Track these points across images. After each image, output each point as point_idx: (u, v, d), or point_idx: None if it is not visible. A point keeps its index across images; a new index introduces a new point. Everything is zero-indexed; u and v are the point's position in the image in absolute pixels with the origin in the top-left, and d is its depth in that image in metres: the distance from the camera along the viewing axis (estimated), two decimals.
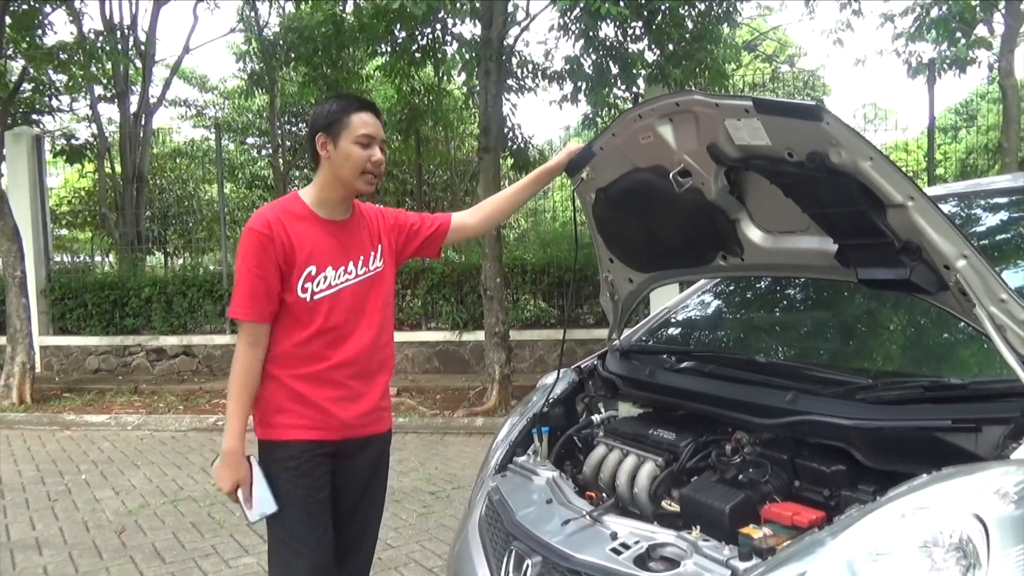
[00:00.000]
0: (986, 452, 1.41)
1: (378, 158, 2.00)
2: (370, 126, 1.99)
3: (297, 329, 1.96)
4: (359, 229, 2.10)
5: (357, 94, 2.13)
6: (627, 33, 7.09)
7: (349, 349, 2.00)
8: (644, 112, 1.86)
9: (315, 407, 1.97)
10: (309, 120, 2.05)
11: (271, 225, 1.92)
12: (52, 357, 9.44)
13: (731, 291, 2.80)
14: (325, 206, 2.03)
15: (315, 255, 1.97)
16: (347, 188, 2.01)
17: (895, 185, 1.47)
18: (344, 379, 2.00)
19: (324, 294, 1.97)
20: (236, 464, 1.94)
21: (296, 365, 1.96)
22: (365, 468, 2.12)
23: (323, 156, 1.99)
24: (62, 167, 12.15)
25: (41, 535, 4.12)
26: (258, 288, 1.91)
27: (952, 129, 15.14)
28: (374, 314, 2.07)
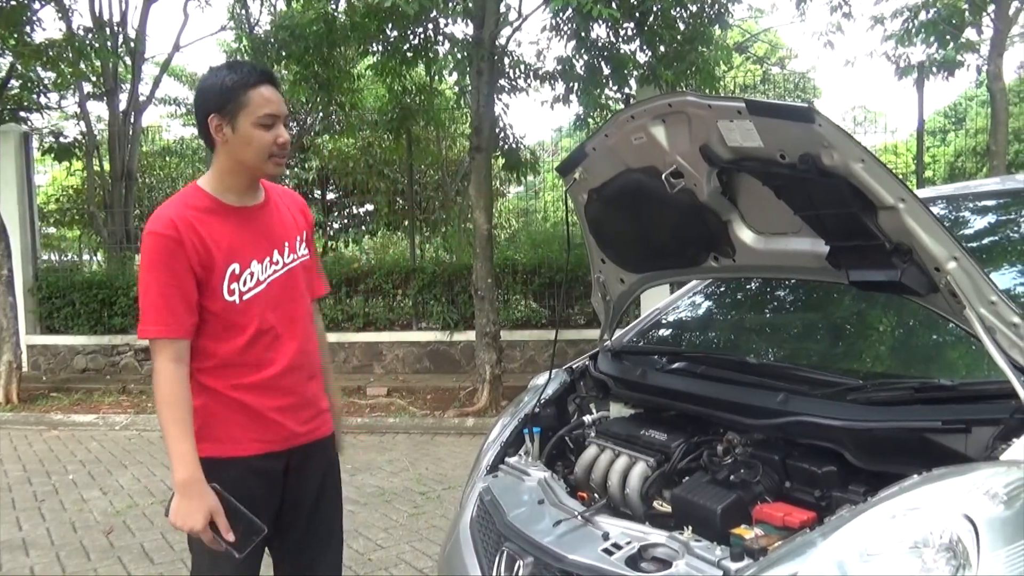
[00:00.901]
0: (976, 453, 1.42)
1: (284, 139, 1.78)
2: (273, 103, 1.76)
3: (232, 336, 1.76)
4: (276, 212, 1.89)
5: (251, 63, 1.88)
6: (619, 34, 7.10)
7: (290, 350, 1.83)
8: (637, 113, 1.86)
9: (261, 419, 1.80)
10: (196, 94, 1.78)
11: (177, 225, 1.69)
12: (39, 356, 9.36)
13: (722, 292, 2.81)
14: (231, 193, 1.81)
15: (235, 251, 1.76)
16: (252, 174, 1.81)
17: (886, 187, 1.48)
18: (291, 385, 1.84)
19: (253, 292, 1.78)
20: (202, 492, 1.67)
21: (238, 375, 1.77)
22: (316, 475, 1.95)
23: (219, 140, 1.75)
24: (50, 165, 12.05)
25: (28, 536, 4.08)
26: (173, 300, 1.69)
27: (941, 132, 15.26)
28: (305, 307, 1.92)
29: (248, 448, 1.80)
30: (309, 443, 1.91)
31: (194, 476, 1.67)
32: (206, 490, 1.68)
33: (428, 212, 12.46)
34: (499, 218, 12.71)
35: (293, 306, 1.87)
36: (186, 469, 1.67)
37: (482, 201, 6.93)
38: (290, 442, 1.86)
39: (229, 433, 1.79)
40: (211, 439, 1.77)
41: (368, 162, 13.00)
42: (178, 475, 1.68)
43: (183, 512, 1.67)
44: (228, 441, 1.79)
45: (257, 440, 1.81)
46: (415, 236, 9.95)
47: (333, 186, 15.49)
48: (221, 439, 1.78)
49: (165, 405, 1.69)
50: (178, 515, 1.68)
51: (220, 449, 1.77)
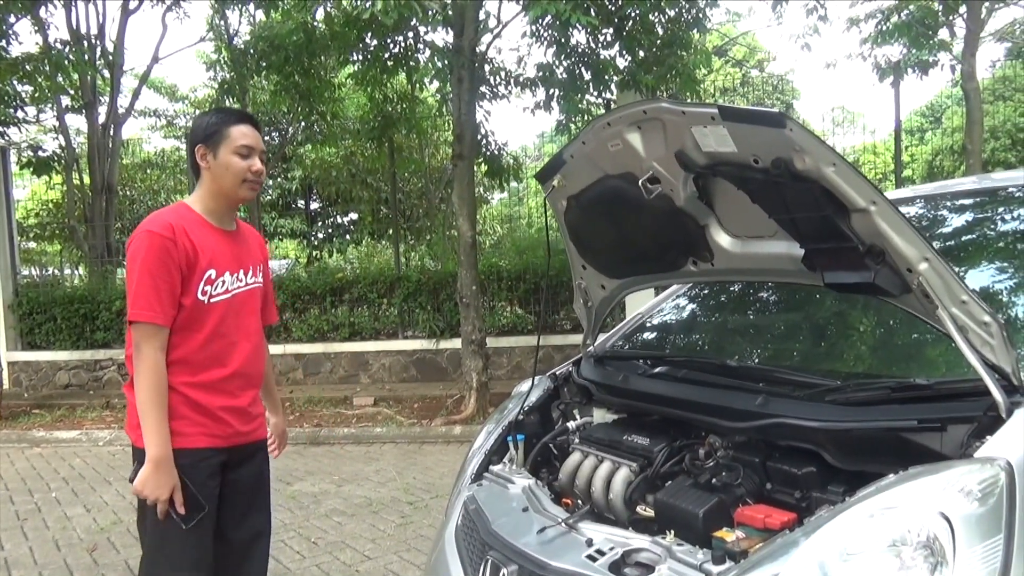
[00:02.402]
0: (951, 451, 1.43)
1: (258, 168, 2.08)
2: (249, 137, 2.07)
3: (190, 333, 2.00)
4: (244, 242, 2.21)
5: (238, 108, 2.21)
6: (598, 40, 7.14)
7: (239, 358, 2.08)
8: (613, 120, 1.87)
9: (210, 415, 2.02)
10: (188, 132, 2.17)
11: (174, 229, 1.96)
12: (21, 373, 9.25)
13: (704, 295, 2.82)
14: (214, 215, 2.11)
15: (215, 259, 2.05)
16: (230, 197, 2.10)
17: (858, 190, 1.49)
18: (235, 390, 2.08)
19: (220, 298, 2.05)
20: (171, 469, 1.93)
21: (192, 372, 2.00)
22: (250, 477, 2.18)
23: (203, 167, 2.07)
24: (29, 179, 11.94)
25: (10, 555, 4.03)
26: (163, 291, 1.93)
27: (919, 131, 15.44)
28: (257, 324, 2.20)
29: (197, 441, 2.01)
30: (248, 443, 2.16)
31: (168, 455, 1.93)
32: (173, 468, 1.94)
33: (412, 220, 12.46)
34: (483, 225, 12.71)
35: (249, 320, 2.15)
36: (163, 448, 1.92)
37: (466, 208, 6.94)
38: (232, 440, 2.09)
39: (181, 427, 1.99)
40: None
41: (351, 171, 12.99)
42: (155, 451, 1.91)
43: (153, 484, 1.91)
44: (180, 434, 1.98)
45: (206, 434, 2.02)
46: (399, 244, 9.94)
47: (316, 196, 15.47)
48: (174, 431, 1.97)
49: (151, 389, 1.92)
50: (147, 485, 1.92)
51: (172, 441, 1.96)
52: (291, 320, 8.97)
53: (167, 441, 1.93)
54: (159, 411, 1.93)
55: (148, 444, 1.92)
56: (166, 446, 1.92)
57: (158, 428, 1.92)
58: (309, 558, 3.83)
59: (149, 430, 1.92)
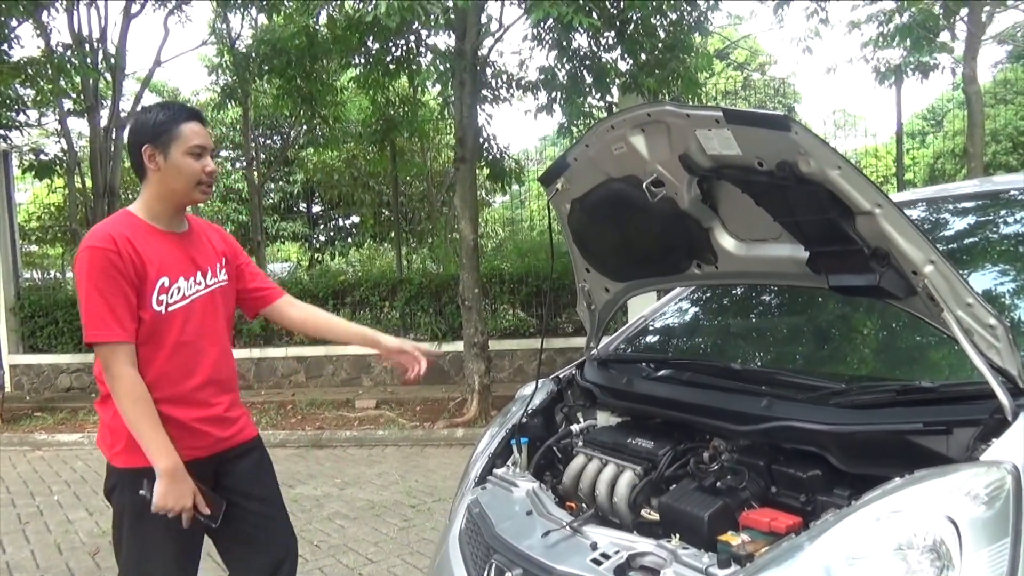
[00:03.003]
0: (957, 454, 1.43)
1: (211, 168, 1.97)
2: (201, 135, 1.95)
3: (153, 347, 1.90)
4: (200, 240, 2.08)
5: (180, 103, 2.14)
6: (600, 43, 7.14)
7: (207, 365, 1.98)
8: (616, 123, 1.88)
9: (185, 428, 1.93)
10: (131, 128, 1.99)
11: (115, 240, 1.84)
12: (22, 376, 9.27)
13: (707, 298, 2.82)
14: (161, 219, 1.98)
15: (165, 267, 1.93)
16: (180, 200, 1.98)
17: (863, 193, 1.49)
18: (208, 398, 1.99)
19: (178, 305, 1.93)
20: (186, 475, 1.87)
21: (160, 387, 1.90)
22: (249, 471, 2.10)
23: (151, 168, 1.93)
24: (31, 182, 11.96)
25: (12, 559, 4.03)
26: (120, 307, 1.83)
27: (920, 135, 15.44)
28: (223, 327, 2.07)
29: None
30: (236, 446, 2.07)
31: (178, 463, 1.85)
32: (187, 474, 1.87)
33: (414, 223, 12.47)
34: (485, 228, 12.72)
35: (213, 325, 2.03)
36: (170, 457, 1.84)
37: (468, 211, 6.94)
38: (215, 448, 2.01)
39: None
40: (138, 450, 1.87)
41: (353, 174, 13.00)
42: (163, 463, 1.83)
43: (175, 494, 1.84)
44: None
45: (185, 447, 1.91)
46: (401, 247, 9.94)
47: (318, 199, 15.47)
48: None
49: (136, 403, 1.83)
50: (170, 498, 1.83)
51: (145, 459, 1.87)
52: None
53: (171, 450, 1.84)
54: (152, 424, 1.84)
55: (154, 459, 1.84)
56: (172, 455, 1.84)
57: (158, 441, 1.84)
58: (312, 561, 3.83)
59: (150, 445, 1.84)
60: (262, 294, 2.24)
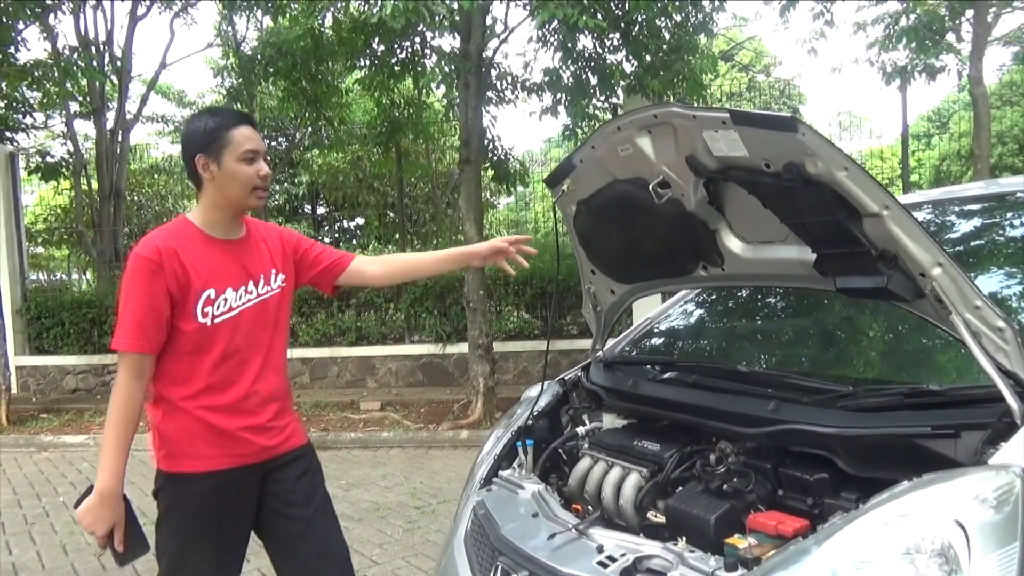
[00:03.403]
0: (965, 458, 1.42)
1: (266, 172, 1.95)
2: (252, 140, 1.93)
3: (199, 357, 1.88)
4: (255, 247, 2.04)
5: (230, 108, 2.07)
6: (605, 45, 7.15)
7: (251, 375, 1.94)
8: (623, 124, 1.87)
9: (230, 436, 1.91)
10: (183, 139, 1.97)
11: (160, 251, 1.83)
12: (29, 377, 9.29)
13: (712, 300, 2.82)
14: (217, 227, 1.96)
15: (213, 278, 1.90)
16: (237, 207, 1.96)
17: (870, 195, 1.49)
18: (253, 407, 1.94)
19: (225, 317, 1.91)
20: (115, 504, 1.83)
21: (205, 396, 1.89)
22: (297, 479, 2.04)
23: (206, 178, 1.91)
24: (37, 184, 12.02)
25: (18, 560, 4.04)
26: (147, 317, 1.82)
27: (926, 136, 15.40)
28: (272, 336, 2.02)
29: (220, 463, 1.90)
30: (282, 454, 2.02)
31: (114, 490, 1.82)
32: (118, 504, 1.84)
33: (419, 225, 12.47)
34: (490, 229, 12.72)
35: (262, 334, 1.99)
36: (110, 480, 1.81)
37: (472, 213, 6.95)
38: (261, 455, 1.97)
39: (200, 450, 1.89)
40: (185, 455, 1.89)
41: (358, 176, 13.02)
42: (101, 483, 1.81)
43: (92, 516, 1.82)
44: (201, 457, 1.89)
45: (228, 455, 1.91)
46: (406, 249, 9.95)
47: (323, 200, 15.50)
48: (193, 455, 1.89)
49: (115, 415, 1.82)
50: (87, 516, 1.83)
51: (194, 464, 1.89)
52: (298, 324, 8.99)
53: (116, 475, 1.81)
54: (117, 440, 1.82)
55: (99, 473, 1.81)
56: (112, 481, 1.81)
57: (111, 460, 1.81)
58: None
59: (103, 460, 1.82)
60: (333, 265, 2.18)
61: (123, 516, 1.85)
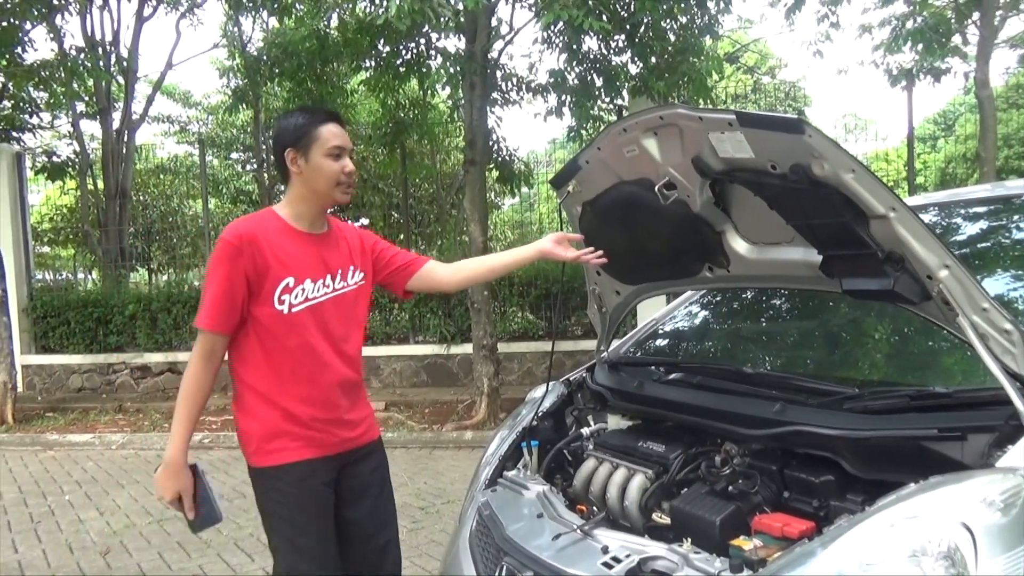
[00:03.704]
0: (972, 460, 1.42)
1: (351, 168, 2.01)
2: (339, 137, 1.99)
3: (275, 346, 1.94)
4: (336, 243, 2.10)
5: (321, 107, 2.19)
6: (610, 46, 7.14)
7: (331, 367, 1.99)
8: (629, 125, 1.88)
9: (313, 427, 1.96)
10: (274, 134, 2.05)
11: (242, 236, 1.91)
12: (34, 376, 9.32)
13: (718, 302, 2.81)
14: (302, 220, 2.03)
15: (293, 267, 1.96)
16: (323, 201, 2.02)
17: (877, 196, 1.49)
18: (333, 399, 2.00)
19: (302, 307, 1.96)
20: (178, 473, 1.92)
21: (284, 386, 1.95)
22: (369, 475, 2.10)
23: (294, 171, 1.99)
24: (44, 184, 12.07)
25: (24, 558, 4.05)
26: (223, 298, 1.90)
27: (931, 139, 15.35)
28: (352, 328, 2.07)
29: (303, 452, 1.95)
30: (361, 446, 2.08)
31: (177, 458, 1.92)
32: (182, 471, 1.93)
33: (423, 225, 12.47)
34: (494, 230, 12.73)
35: (338, 327, 2.03)
36: (174, 450, 1.91)
37: (477, 214, 6.95)
38: (340, 447, 2.02)
39: (285, 442, 1.95)
40: (273, 448, 1.95)
41: (363, 176, 13.02)
42: (167, 453, 1.92)
43: (160, 483, 1.94)
44: (287, 448, 1.95)
45: (311, 445, 1.96)
46: (411, 249, 9.95)
47: None
48: (280, 447, 1.95)
49: (184, 389, 1.93)
50: (157, 483, 1.94)
51: (282, 456, 1.94)
52: None
53: (181, 446, 1.91)
54: (185, 413, 1.92)
55: (168, 444, 1.93)
56: (178, 449, 1.91)
57: (177, 431, 1.92)
58: None
59: (172, 431, 1.93)
60: (405, 267, 2.23)
61: (190, 485, 1.93)
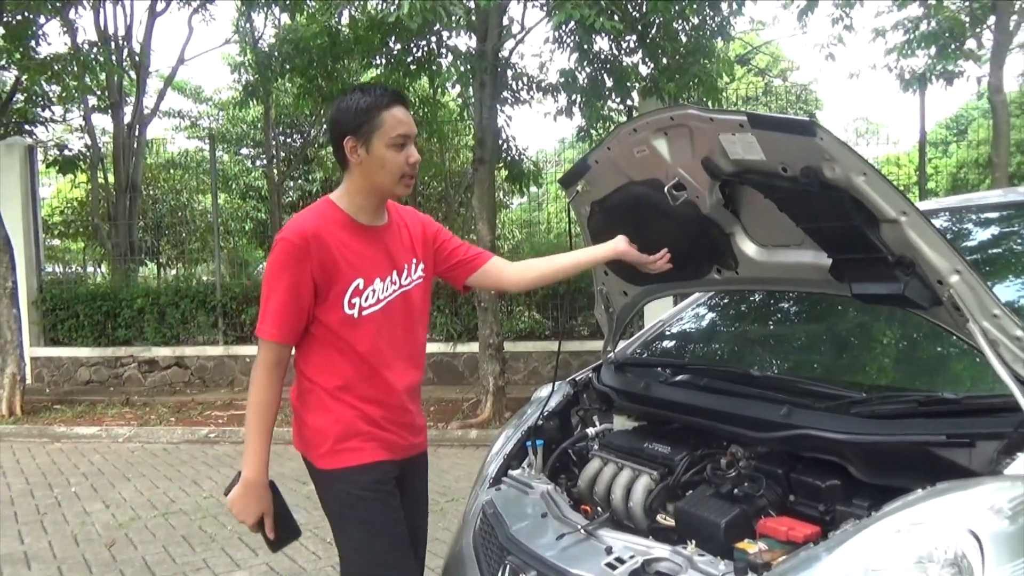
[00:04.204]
0: (980, 467, 1.41)
1: (416, 159, 1.82)
2: (405, 123, 1.79)
3: (344, 351, 1.81)
4: (398, 234, 1.93)
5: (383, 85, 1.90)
6: (621, 47, 7.13)
7: (401, 369, 1.88)
8: (639, 126, 1.87)
9: (388, 429, 1.86)
10: (332, 117, 1.84)
11: (307, 236, 1.74)
12: (43, 368, 9.38)
13: (725, 304, 2.80)
14: (363, 213, 1.85)
15: (361, 267, 1.81)
16: (383, 195, 1.85)
17: (888, 200, 1.48)
18: (403, 402, 1.90)
19: (372, 310, 1.82)
20: (260, 494, 1.80)
21: (361, 388, 1.83)
22: (420, 487, 2.05)
23: (353, 161, 1.79)
24: (55, 177, 12.14)
25: (30, 549, 4.07)
26: (289, 306, 1.75)
27: (943, 143, 15.26)
28: (419, 326, 1.95)
29: (376, 454, 1.84)
30: (418, 455, 2.01)
31: (258, 479, 1.79)
32: (264, 493, 1.81)
33: None
34: (503, 229, 12.72)
35: (404, 326, 1.90)
36: (254, 470, 1.78)
37: (485, 212, 6.95)
38: (404, 453, 1.93)
39: (358, 443, 1.83)
40: (345, 449, 1.82)
41: None
42: (247, 473, 1.79)
43: (240, 506, 1.80)
44: (359, 449, 1.83)
45: (382, 447, 1.86)
46: None
47: None
48: (353, 448, 1.83)
49: (254, 408, 1.79)
50: (235, 506, 1.81)
51: (354, 457, 1.82)
52: None
53: (260, 465, 1.78)
54: (259, 430, 1.78)
55: (244, 463, 1.79)
56: (257, 469, 1.77)
57: (254, 450, 1.78)
58: (325, 559, 3.84)
59: (248, 450, 1.79)
60: (469, 261, 2.07)
61: (271, 504, 1.82)
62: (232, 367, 8.90)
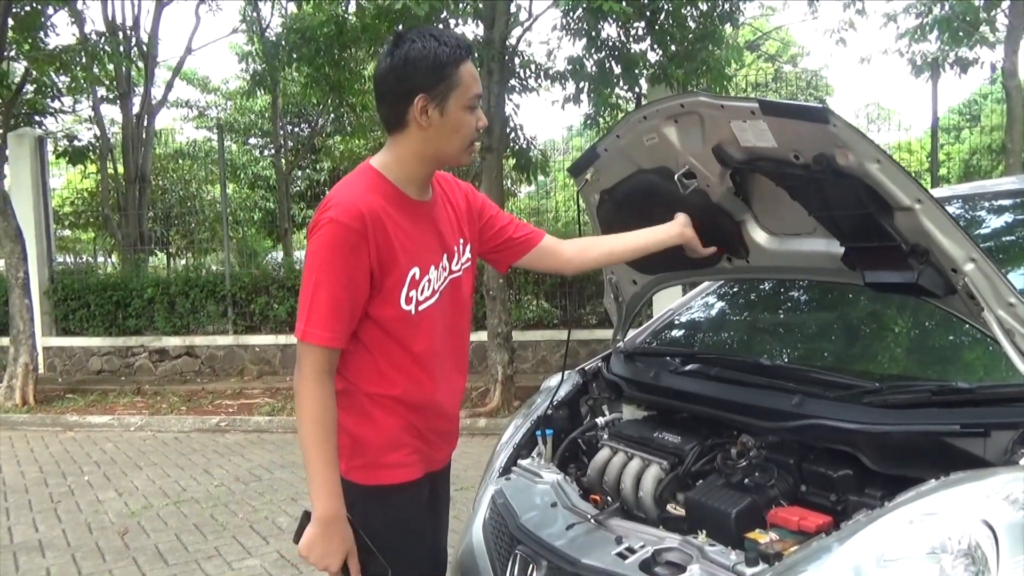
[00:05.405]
0: (995, 457, 1.40)
1: (485, 123, 1.56)
2: (478, 81, 1.52)
3: (399, 351, 1.54)
4: (444, 210, 1.65)
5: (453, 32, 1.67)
6: (629, 33, 7.08)
7: (453, 370, 1.65)
8: (649, 113, 1.85)
9: (429, 439, 1.63)
10: (397, 68, 1.46)
11: (365, 218, 1.43)
12: (55, 358, 9.45)
13: (735, 293, 2.79)
14: (413, 184, 1.55)
15: (418, 253, 1.53)
16: (445, 162, 1.58)
17: (902, 188, 1.46)
18: (450, 408, 1.68)
19: (429, 302, 1.55)
20: (343, 532, 1.47)
21: (410, 393, 1.57)
22: (446, 493, 1.83)
23: (421, 124, 1.48)
24: (65, 168, 12.20)
25: (44, 537, 4.12)
26: (344, 303, 1.45)
27: (955, 129, 15.11)
28: (465, 320, 1.71)
29: (415, 472, 1.62)
30: (445, 467, 1.79)
31: (338, 513, 1.47)
32: (347, 529, 1.49)
33: None
34: None
35: (455, 319, 1.66)
36: (330, 503, 1.45)
37: (493, 201, 6.93)
38: (440, 464, 1.73)
39: (400, 457, 1.59)
40: (387, 463, 1.58)
41: None
42: (320, 509, 1.45)
43: (320, 551, 1.47)
44: (401, 466, 1.59)
45: (423, 461, 1.64)
46: None
47: None
48: (395, 463, 1.58)
49: (314, 425, 1.45)
50: (314, 551, 1.47)
51: (394, 474, 1.58)
52: None
53: (335, 493, 1.45)
54: (321, 451, 1.44)
55: (314, 498, 1.45)
56: (334, 501, 1.45)
57: (325, 478, 1.44)
58: None
59: (314, 480, 1.45)
60: (522, 239, 1.81)
61: (353, 541, 1.50)
62: (242, 356, 8.94)
